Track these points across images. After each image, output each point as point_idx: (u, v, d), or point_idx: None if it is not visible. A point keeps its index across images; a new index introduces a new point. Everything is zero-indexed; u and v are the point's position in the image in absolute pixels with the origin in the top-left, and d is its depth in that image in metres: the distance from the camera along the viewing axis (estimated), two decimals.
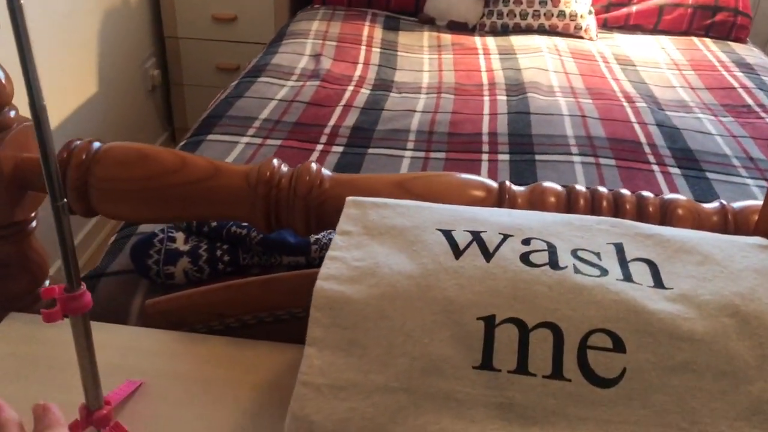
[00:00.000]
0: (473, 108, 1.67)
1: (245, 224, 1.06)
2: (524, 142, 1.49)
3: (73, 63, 2.15)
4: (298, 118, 1.57)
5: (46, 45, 2.00)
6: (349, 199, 0.72)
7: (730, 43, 2.28)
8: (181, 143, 1.47)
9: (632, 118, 1.64)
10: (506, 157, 1.43)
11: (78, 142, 0.85)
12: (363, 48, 2.05)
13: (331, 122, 1.56)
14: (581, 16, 2.25)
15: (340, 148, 1.44)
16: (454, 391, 0.55)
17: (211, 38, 2.69)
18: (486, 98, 1.74)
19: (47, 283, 0.96)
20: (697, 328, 0.57)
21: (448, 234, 0.65)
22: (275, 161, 0.86)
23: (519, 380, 0.55)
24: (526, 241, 0.64)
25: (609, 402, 0.55)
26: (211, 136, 1.46)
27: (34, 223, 0.91)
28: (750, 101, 1.81)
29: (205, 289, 0.94)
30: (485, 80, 1.87)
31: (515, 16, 2.28)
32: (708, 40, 2.28)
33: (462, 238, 0.65)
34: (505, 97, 1.75)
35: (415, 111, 1.64)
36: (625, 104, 1.73)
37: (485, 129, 1.55)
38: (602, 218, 0.71)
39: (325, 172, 0.84)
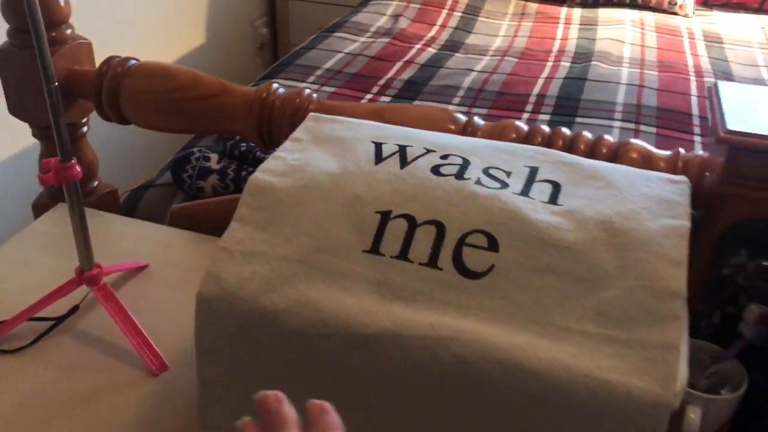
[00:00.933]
0: (533, 71, 1.70)
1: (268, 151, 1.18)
2: (570, 105, 1.51)
3: (184, 13, 2.36)
4: (359, 70, 1.67)
5: None
6: (310, 114, 0.81)
7: None
8: (249, 86, 1.61)
9: (693, 92, 1.61)
10: (547, 117, 1.46)
11: (116, 58, 1.00)
12: (445, 11, 2.12)
13: (388, 75, 1.65)
14: None
15: (387, 99, 1.53)
16: (342, 267, 0.64)
17: (318, 0, 2.84)
18: (549, 63, 1.76)
19: (95, 183, 1.13)
20: (568, 237, 0.62)
21: (378, 145, 0.74)
22: (275, 85, 0.97)
23: (398, 264, 0.63)
24: (445, 156, 0.72)
25: (471, 291, 0.62)
26: (274, 81, 1.59)
27: (85, 128, 1.08)
28: None
29: (220, 199, 1.08)
30: (556, 48, 1.88)
31: None
32: None
33: (389, 149, 0.73)
34: (569, 64, 1.76)
35: (473, 70, 1.70)
36: (693, 78, 1.69)
37: (535, 90, 1.59)
38: (532, 147, 0.76)
39: (315, 96, 0.94)
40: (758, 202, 0.66)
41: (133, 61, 1.00)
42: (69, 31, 1.00)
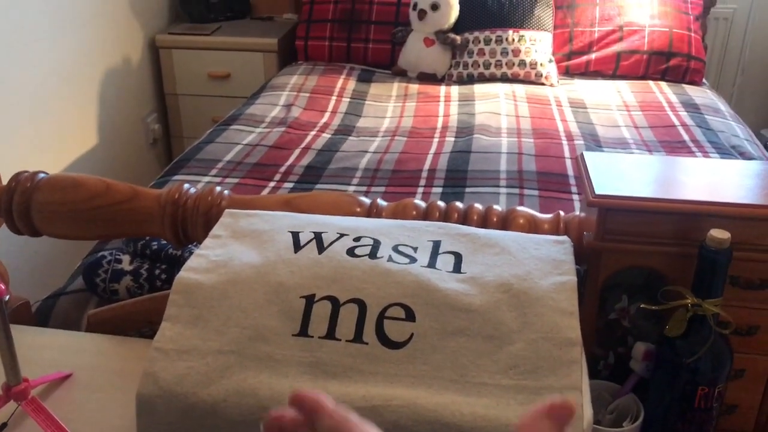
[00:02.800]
0: (421, 148, 1.83)
1: (181, 248, 1.21)
2: (458, 177, 1.63)
3: (76, 116, 2.37)
4: (258, 160, 1.74)
5: (53, 98, 2.21)
6: (226, 211, 0.87)
7: (684, 85, 2.42)
8: (150, 184, 1.64)
9: (566, 154, 1.77)
10: (439, 190, 1.57)
11: (25, 174, 1.02)
12: (333, 98, 2.24)
13: (288, 162, 1.72)
14: (541, 65, 2.41)
15: (291, 185, 1.60)
16: (274, 353, 0.69)
17: (208, 94, 2.91)
18: (435, 140, 1.90)
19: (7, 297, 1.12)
20: (475, 302, 0.70)
21: (295, 234, 0.80)
22: (186, 185, 1.02)
23: (327, 344, 0.69)
24: (357, 239, 0.79)
25: (397, 360, 0.68)
26: (176, 177, 1.63)
27: None
28: (686, 137, 1.93)
29: (136, 300, 1.09)
30: (440, 124, 2.03)
31: (479, 66, 2.45)
32: (663, 84, 2.42)
33: (305, 237, 0.79)
34: (453, 139, 1.90)
35: (367, 152, 1.80)
36: (565, 142, 1.86)
37: (426, 166, 1.70)
38: (434, 222, 0.85)
39: (226, 193, 0.99)
40: (630, 254, 0.76)
41: (42, 175, 1.02)
42: None
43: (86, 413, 0.88)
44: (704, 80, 2.54)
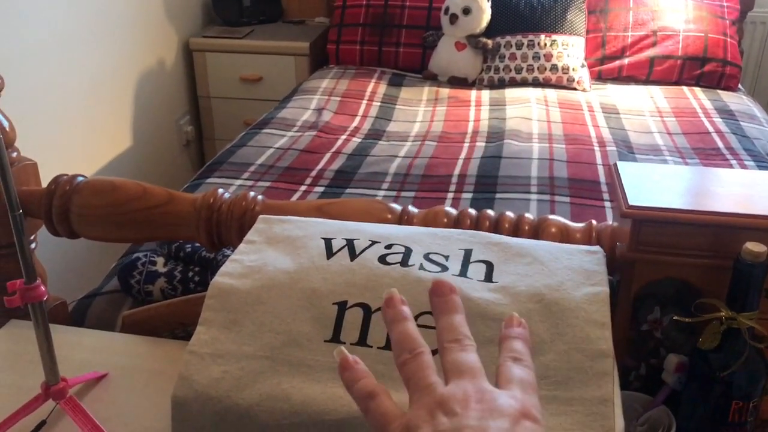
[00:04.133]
0: (452, 153, 1.83)
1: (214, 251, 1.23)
2: (489, 183, 1.63)
3: (112, 119, 2.42)
4: (290, 164, 1.75)
5: (89, 100, 2.26)
6: (261, 216, 0.88)
7: (719, 91, 2.39)
8: (184, 187, 1.67)
9: (598, 161, 1.76)
10: (469, 195, 1.58)
11: (64, 177, 1.05)
12: (364, 102, 2.25)
13: (319, 166, 1.74)
14: (573, 69, 2.40)
15: (321, 189, 1.61)
16: (307, 359, 0.70)
17: (240, 97, 2.94)
18: (466, 144, 1.90)
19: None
20: (506, 312, 0.70)
21: (328, 241, 0.81)
22: (220, 190, 1.03)
23: (358, 350, 0.69)
24: (389, 246, 0.79)
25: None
26: (209, 180, 1.66)
27: (33, 245, 1.11)
28: (720, 144, 1.91)
29: (170, 302, 1.11)
30: (470, 129, 2.02)
31: (511, 70, 2.44)
32: (697, 89, 2.39)
33: (338, 244, 0.80)
34: (483, 144, 1.90)
35: (397, 156, 1.81)
36: (596, 148, 1.85)
37: (456, 171, 1.71)
38: (465, 231, 0.85)
39: (260, 198, 1.01)
40: (663, 265, 0.76)
41: (81, 178, 1.04)
42: (15, 154, 1.05)
43: (121, 413, 0.90)
44: (740, 86, 2.50)
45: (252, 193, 1.02)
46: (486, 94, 2.36)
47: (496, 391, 0.42)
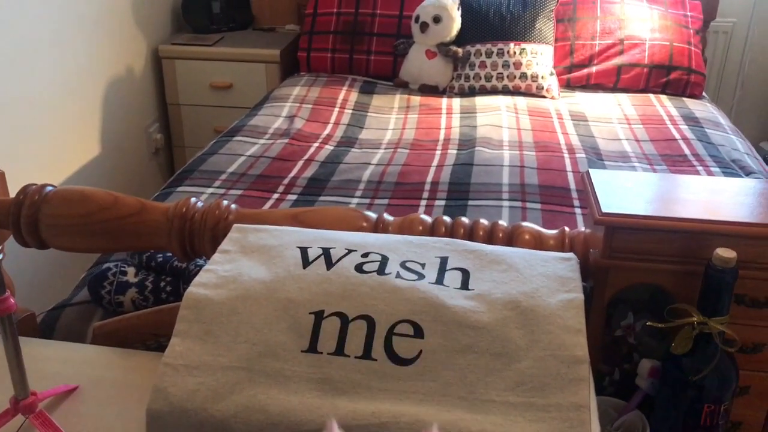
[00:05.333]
0: (424, 161, 1.83)
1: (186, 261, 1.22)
2: (461, 190, 1.64)
3: (79, 126, 2.38)
4: (262, 171, 1.74)
5: (55, 108, 2.22)
6: (235, 225, 0.87)
7: (684, 99, 2.43)
8: (154, 195, 1.65)
9: (568, 168, 1.78)
10: (442, 202, 1.58)
11: (33, 186, 1.03)
12: (336, 110, 2.25)
13: (292, 174, 1.73)
14: (542, 77, 2.43)
15: (294, 197, 1.61)
16: (283, 370, 0.69)
17: (210, 104, 2.92)
18: (438, 152, 1.91)
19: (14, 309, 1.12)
20: (483, 319, 0.71)
21: (304, 250, 0.80)
22: (193, 199, 1.02)
23: (336, 360, 0.69)
24: (365, 255, 0.79)
25: (406, 377, 0.68)
26: (180, 188, 1.64)
27: (1, 256, 1.08)
28: (687, 151, 1.94)
29: (141, 313, 1.10)
30: (442, 137, 2.03)
31: (481, 78, 2.46)
32: (664, 97, 2.43)
33: (314, 253, 0.80)
34: (455, 151, 1.91)
35: (370, 164, 1.81)
36: (566, 155, 1.87)
37: (429, 179, 1.71)
38: (441, 238, 0.85)
39: (233, 207, 1.00)
40: (636, 271, 0.77)
41: (50, 188, 1.03)
42: None
43: (92, 427, 0.88)
44: (704, 93, 2.55)
45: (225, 202, 1.01)
46: (457, 102, 2.38)
47: None
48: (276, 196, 1.61)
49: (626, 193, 0.81)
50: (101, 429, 0.87)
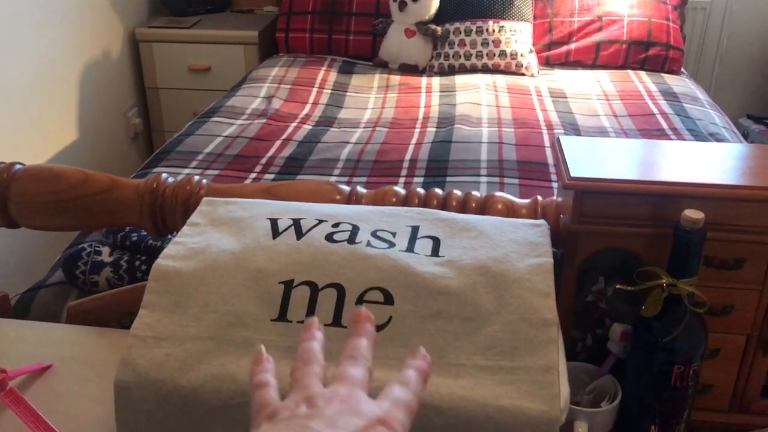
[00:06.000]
0: (402, 139, 1.83)
1: (161, 238, 1.21)
2: (440, 167, 1.64)
3: (56, 111, 2.35)
4: (240, 151, 1.73)
5: (31, 93, 2.19)
6: (205, 199, 0.87)
7: (663, 74, 2.44)
8: (131, 176, 1.63)
9: (546, 143, 1.79)
10: (420, 180, 1.58)
11: (1, 164, 1.01)
12: (315, 90, 2.23)
13: (269, 154, 1.72)
14: (521, 55, 2.42)
15: (272, 176, 1.60)
16: (252, 339, 0.69)
17: (189, 87, 2.89)
18: (417, 130, 1.90)
19: None
20: (452, 285, 0.70)
21: (274, 221, 0.80)
22: (164, 175, 1.01)
23: None
24: (336, 225, 0.79)
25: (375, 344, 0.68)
26: (156, 169, 1.62)
27: None
28: (665, 125, 1.95)
29: (116, 291, 1.09)
30: (421, 115, 2.03)
31: (460, 57, 2.46)
32: (642, 73, 2.44)
33: (284, 224, 0.79)
34: (434, 129, 1.90)
35: (348, 142, 1.81)
36: (545, 131, 1.88)
37: (408, 156, 1.71)
38: (412, 208, 0.85)
39: (205, 182, 0.99)
40: (606, 235, 0.77)
41: (19, 166, 1.01)
42: None
43: (66, 404, 0.87)
44: (683, 69, 2.56)
45: (197, 177, 1.00)
46: (436, 81, 2.37)
47: (365, 398, 0.45)
48: (253, 175, 1.61)
49: (596, 158, 0.81)
50: (75, 406, 0.87)
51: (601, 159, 0.82)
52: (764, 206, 0.74)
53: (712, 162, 0.81)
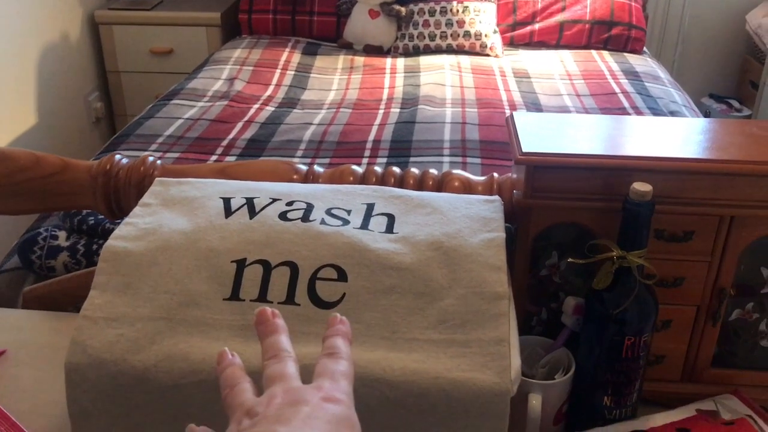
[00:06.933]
0: (366, 120, 1.82)
1: (118, 221, 1.19)
2: (403, 147, 1.64)
3: (13, 95, 2.30)
4: (201, 134, 1.71)
5: None
6: (157, 179, 0.85)
7: (626, 54, 2.46)
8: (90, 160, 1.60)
9: None
10: (384, 160, 1.58)
11: None
12: (278, 71, 2.21)
13: (231, 136, 1.71)
14: (486, 36, 2.42)
15: (233, 158, 1.58)
16: (205, 318, 0.68)
17: (151, 71, 2.85)
18: (381, 111, 1.90)
19: None
20: (405, 260, 0.71)
21: (227, 201, 0.79)
22: (118, 156, 1.00)
23: (258, 306, 0.68)
24: (290, 203, 0.78)
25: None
26: (115, 153, 1.59)
27: None
28: (626, 104, 1.97)
29: (71, 275, 1.07)
30: (385, 96, 2.02)
31: (425, 37, 2.45)
32: (605, 53, 2.46)
33: (237, 203, 0.79)
34: (398, 110, 1.90)
35: (311, 124, 1.80)
36: (507, 111, 1.88)
37: (371, 137, 1.70)
38: (368, 186, 0.85)
39: (159, 163, 0.98)
40: (558, 210, 0.78)
41: None
42: None
43: (19, 389, 0.86)
44: (645, 49, 2.59)
45: (151, 158, 0.99)
46: (401, 62, 2.36)
47: (302, 386, 0.46)
48: (214, 158, 1.59)
49: (548, 133, 0.81)
50: (28, 391, 0.86)
51: (554, 134, 0.82)
52: (712, 179, 0.75)
53: (665, 137, 0.82)
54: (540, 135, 0.81)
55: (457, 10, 2.44)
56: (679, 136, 0.83)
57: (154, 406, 0.67)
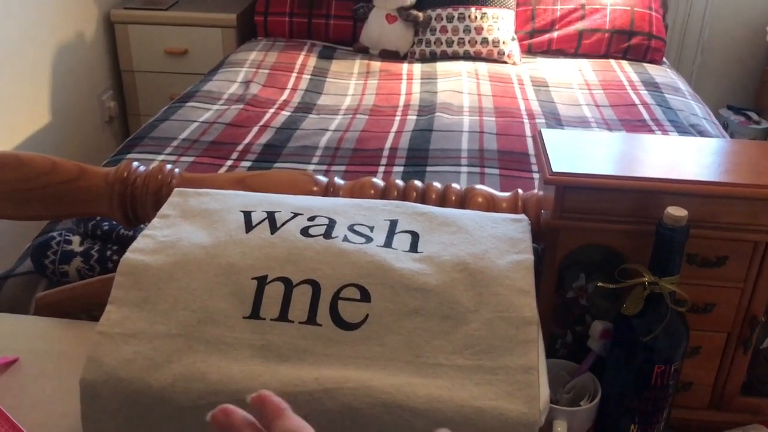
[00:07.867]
0: (383, 127, 1.80)
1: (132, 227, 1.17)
2: (420, 156, 1.62)
3: (28, 94, 2.29)
4: (216, 138, 1.70)
5: (2, 75, 2.14)
6: (176, 189, 0.84)
7: (645, 64, 2.43)
8: (103, 163, 1.59)
9: (527, 133, 1.77)
10: (400, 169, 1.56)
11: None
12: (294, 75, 2.19)
13: (246, 140, 1.69)
14: (504, 43, 2.40)
15: (248, 163, 1.57)
16: (224, 337, 0.67)
17: (165, 71, 2.84)
18: (397, 118, 1.88)
19: None
20: (430, 281, 0.69)
21: (247, 214, 0.77)
22: (135, 163, 0.98)
23: (279, 326, 0.67)
24: (312, 218, 0.76)
25: (351, 342, 0.66)
26: (130, 155, 1.59)
27: None
28: (646, 116, 1.94)
29: (85, 282, 1.06)
30: (401, 102, 2.00)
31: (442, 43, 2.43)
32: (624, 62, 2.43)
33: (258, 217, 0.77)
34: (415, 117, 1.88)
35: (327, 130, 1.78)
36: (526, 121, 1.86)
37: (388, 145, 1.68)
38: (390, 201, 0.83)
39: (177, 171, 0.96)
40: (587, 231, 0.76)
41: None
42: None
43: (32, 400, 0.84)
44: (665, 59, 2.56)
45: (169, 166, 0.97)
46: (417, 68, 2.34)
47: None
48: (229, 163, 1.57)
49: (579, 152, 0.79)
50: (41, 402, 0.84)
51: (583, 153, 0.80)
52: (746, 203, 0.73)
53: (693, 157, 0.80)
54: (569, 153, 0.78)
55: (476, 17, 2.41)
56: (707, 156, 0.80)
57: (171, 425, 0.65)
